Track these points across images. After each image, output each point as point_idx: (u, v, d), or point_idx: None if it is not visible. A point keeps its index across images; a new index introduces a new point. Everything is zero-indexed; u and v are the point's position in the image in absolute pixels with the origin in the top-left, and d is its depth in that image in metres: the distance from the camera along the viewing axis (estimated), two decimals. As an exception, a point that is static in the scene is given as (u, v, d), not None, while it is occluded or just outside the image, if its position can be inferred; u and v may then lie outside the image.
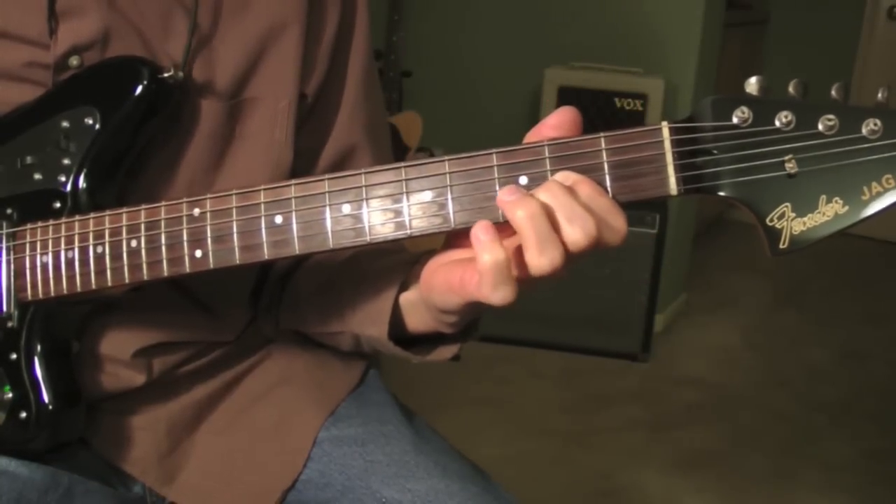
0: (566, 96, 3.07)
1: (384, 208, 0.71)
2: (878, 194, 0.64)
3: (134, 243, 0.78)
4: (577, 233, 0.66)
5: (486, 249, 0.66)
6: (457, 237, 0.76)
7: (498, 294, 0.67)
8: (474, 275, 0.70)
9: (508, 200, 0.67)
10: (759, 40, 4.79)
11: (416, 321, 0.86)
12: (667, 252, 3.09)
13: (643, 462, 2.60)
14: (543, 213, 0.66)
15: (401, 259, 0.89)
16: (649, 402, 2.94)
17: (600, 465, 2.56)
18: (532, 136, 0.71)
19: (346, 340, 0.95)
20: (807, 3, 4.75)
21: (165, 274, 0.78)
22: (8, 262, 0.84)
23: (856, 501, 2.48)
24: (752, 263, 4.26)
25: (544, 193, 0.67)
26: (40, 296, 0.83)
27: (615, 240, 0.68)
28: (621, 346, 3.16)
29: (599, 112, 3.03)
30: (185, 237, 0.77)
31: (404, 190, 0.71)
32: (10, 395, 0.84)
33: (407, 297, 0.86)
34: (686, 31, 3.18)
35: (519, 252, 0.68)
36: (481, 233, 0.66)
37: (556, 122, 0.70)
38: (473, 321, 0.84)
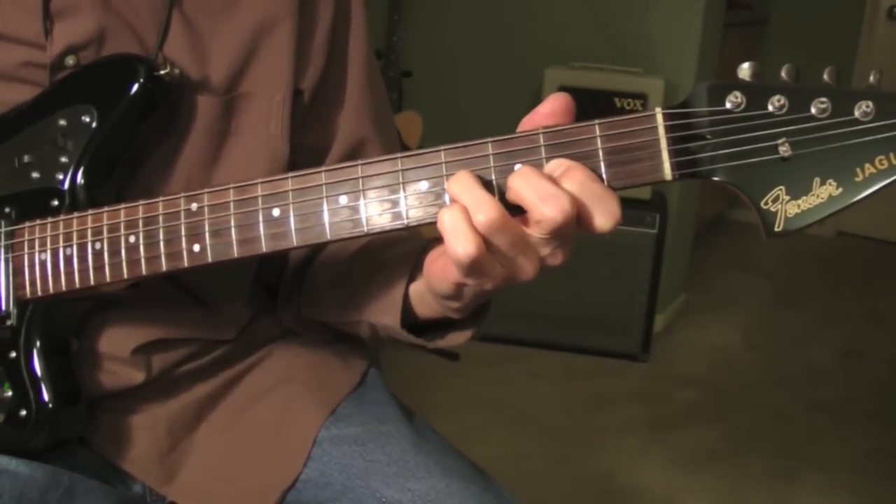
0: (566, 96, 3.06)
1: (381, 199, 0.71)
2: (872, 176, 0.64)
3: (132, 239, 0.79)
4: (551, 210, 0.65)
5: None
6: None
7: (458, 246, 0.66)
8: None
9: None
10: (758, 40, 4.79)
11: (425, 310, 0.86)
12: (667, 252, 3.09)
13: (643, 462, 2.60)
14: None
15: (411, 247, 0.89)
16: (649, 402, 2.95)
17: (600, 465, 2.57)
18: (526, 124, 0.71)
19: (364, 329, 0.96)
20: (807, 3, 4.76)
21: (164, 269, 0.78)
22: (6, 260, 0.84)
23: (856, 501, 2.48)
24: (752, 263, 4.26)
25: (516, 178, 0.67)
26: (39, 293, 0.83)
27: (608, 223, 0.67)
28: (621, 346, 3.16)
29: (599, 112, 3.00)
30: (182, 232, 0.77)
31: (401, 181, 0.71)
32: (10, 393, 0.84)
33: (415, 288, 0.86)
34: (686, 31, 3.18)
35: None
36: (448, 223, 0.67)
37: (550, 110, 0.70)
38: (483, 307, 0.84)
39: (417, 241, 0.90)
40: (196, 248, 0.76)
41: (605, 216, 0.67)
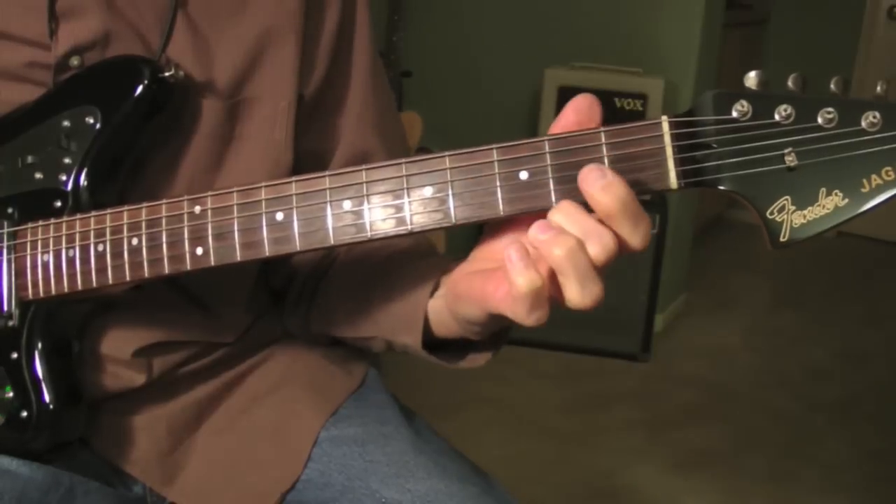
0: (566, 96, 3.04)
1: (385, 204, 0.71)
2: (878, 187, 0.64)
3: (135, 241, 0.78)
4: (595, 251, 0.65)
5: (521, 273, 0.65)
6: (484, 247, 0.76)
7: (533, 317, 0.67)
8: (497, 288, 0.69)
9: (542, 239, 0.65)
10: (759, 40, 4.79)
11: (443, 329, 0.84)
12: (667, 252, 3.09)
13: (643, 462, 2.60)
14: (581, 247, 0.65)
15: (431, 265, 0.88)
16: (649, 402, 2.95)
17: (600, 465, 2.57)
18: (555, 128, 0.70)
19: (379, 344, 0.95)
20: (807, 3, 4.76)
21: (166, 271, 0.78)
22: (9, 261, 0.84)
23: (856, 501, 2.48)
24: (752, 263, 4.26)
25: (558, 214, 0.66)
26: (41, 294, 0.83)
27: (642, 244, 0.68)
28: (621, 346, 3.16)
29: (599, 112, 3.03)
30: (186, 234, 0.76)
31: (405, 186, 0.71)
32: (11, 394, 0.84)
33: (433, 306, 0.84)
34: (686, 31, 3.18)
35: (553, 276, 0.67)
36: (514, 255, 0.65)
37: (573, 108, 0.70)
38: (503, 329, 0.82)
39: (435, 259, 0.90)
40: (199, 251, 0.76)
41: (639, 237, 0.67)
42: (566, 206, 0.66)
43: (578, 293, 0.66)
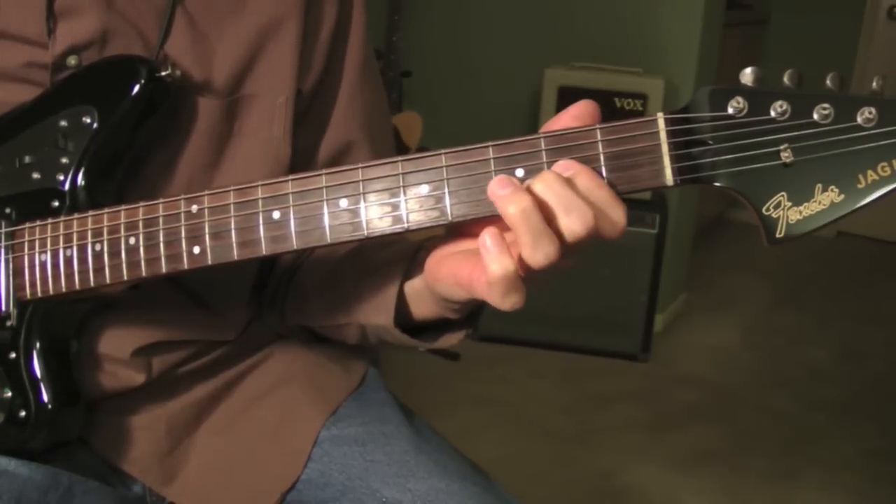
0: (566, 96, 3.07)
1: (381, 202, 0.71)
2: (874, 182, 0.64)
3: (132, 241, 0.78)
4: (574, 223, 0.65)
5: (495, 260, 0.66)
6: (462, 226, 0.76)
7: (508, 301, 0.67)
8: (482, 275, 0.69)
9: (500, 195, 0.66)
10: (759, 40, 4.79)
11: (422, 309, 0.86)
12: (667, 252, 3.09)
13: (643, 462, 2.60)
14: (536, 207, 0.65)
15: (403, 247, 0.89)
16: (649, 402, 2.94)
17: (600, 465, 2.57)
18: (551, 127, 0.70)
19: (353, 332, 0.95)
20: (807, 3, 4.76)
21: (164, 270, 0.78)
22: (7, 260, 0.84)
23: (856, 501, 2.48)
24: (752, 263, 4.26)
25: (540, 184, 0.66)
26: (39, 294, 0.83)
27: (614, 233, 0.68)
28: (621, 346, 3.16)
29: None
30: (183, 234, 0.77)
31: (401, 184, 0.71)
32: (10, 394, 0.84)
33: (412, 286, 0.86)
34: (686, 31, 3.18)
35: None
36: (490, 241, 0.66)
37: (577, 112, 0.70)
38: (479, 307, 0.83)
39: (408, 243, 0.90)
40: (196, 249, 0.76)
41: (610, 224, 0.67)
42: (547, 175, 0.66)
43: (531, 250, 0.66)
